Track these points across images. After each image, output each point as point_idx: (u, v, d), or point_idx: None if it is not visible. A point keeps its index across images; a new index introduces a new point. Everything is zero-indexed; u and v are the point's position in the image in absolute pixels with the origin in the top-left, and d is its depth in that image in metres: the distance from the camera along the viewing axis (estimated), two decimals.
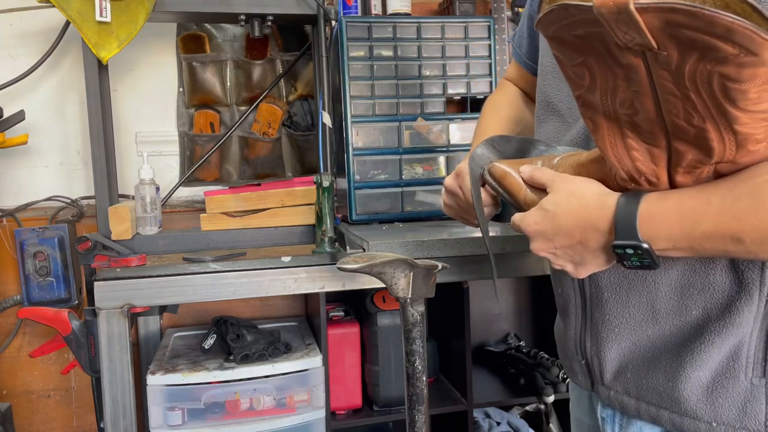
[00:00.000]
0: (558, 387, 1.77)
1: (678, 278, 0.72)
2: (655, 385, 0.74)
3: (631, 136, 0.62)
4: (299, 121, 2.03)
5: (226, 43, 1.99)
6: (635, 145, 0.62)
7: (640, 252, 0.64)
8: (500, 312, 2.19)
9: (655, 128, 0.59)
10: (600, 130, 0.64)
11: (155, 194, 1.66)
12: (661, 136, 0.60)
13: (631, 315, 0.76)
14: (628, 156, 0.63)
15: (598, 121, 0.63)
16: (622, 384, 0.78)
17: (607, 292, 0.78)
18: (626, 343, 0.77)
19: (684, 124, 0.56)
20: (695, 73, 0.51)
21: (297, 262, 1.42)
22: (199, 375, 1.49)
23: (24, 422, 1.89)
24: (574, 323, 0.85)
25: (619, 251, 0.65)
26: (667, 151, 0.61)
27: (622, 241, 0.65)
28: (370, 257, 0.89)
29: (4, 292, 1.86)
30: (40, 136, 1.87)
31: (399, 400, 1.69)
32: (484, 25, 1.69)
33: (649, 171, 0.63)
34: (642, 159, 0.62)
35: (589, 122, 0.64)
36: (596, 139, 0.65)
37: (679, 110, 0.55)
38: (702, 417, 0.70)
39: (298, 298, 2.04)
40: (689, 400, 0.71)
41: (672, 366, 0.73)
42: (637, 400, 0.76)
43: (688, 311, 0.71)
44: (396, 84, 1.65)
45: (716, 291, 0.69)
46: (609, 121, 0.62)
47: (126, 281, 1.35)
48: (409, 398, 0.93)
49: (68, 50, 1.85)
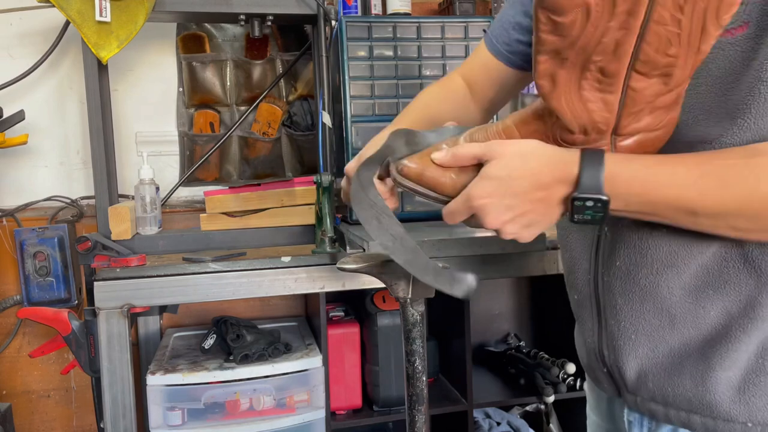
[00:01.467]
0: (558, 387, 1.77)
1: (691, 281, 0.71)
2: (683, 391, 0.73)
3: (587, 88, 0.63)
4: (299, 121, 2.03)
5: (226, 43, 1.99)
6: (590, 97, 0.64)
7: (600, 205, 0.65)
8: (500, 312, 2.19)
9: (620, 70, 0.61)
10: (558, 88, 0.64)
11: (155, 194, 1.66)
12: (621, 78, 0.62)
13: (647, 322, 0.74)
14: (585, 108, 0.64)
15: (558, 78, 0.63)
16: (647, 392, 0.77)
17: (621, 299, 0.76)
18: (644, 351, 0.75)
19: (658, 56, 0.60)
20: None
21: (297, 262, 1.42)
22: (199, 375, 1.49)
23: (24, 422, 1.89)
24: (591, 331, 0.83)
25: (578, 203, 0.66)
26: (621, 96, 0.63)
27: (585, 194, 0.65)
28: (370, 257, 0.89)
29: (3, 292, 1.86)
30: (40, 136, 1.87)
31: (399, 400, 1.69)
32: (484, 25, 1.69)
33: (602, 120, 0.65)
34: (597, 109, 0.64)
35: (547, 82, 0.64)
36: (551, 98, 0.65)
37: (661, 41, 0.58)
38: (736, 418, 0.69)
39: (298, 298, 2.04)
40: (722, 402, 0.70)
41: (698, 370, 0.71)
42: (665, 407, 0.75)
43: (706, 313, 0.70)
44: (396, 84, 1.65)
45: (733, 288, 0.68)
46: (570, 74, 0.63)
47: (126, 281, 1.35)
48: (409, 398, 0.93)
49: (68, 50, 1.85)
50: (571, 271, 0.87)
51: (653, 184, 0.64)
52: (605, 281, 0.78)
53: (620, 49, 0.60)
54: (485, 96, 1.04)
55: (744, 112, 0.63)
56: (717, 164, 0.63)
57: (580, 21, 0.58)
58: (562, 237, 0.89)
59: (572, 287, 0.87)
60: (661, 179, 0.64)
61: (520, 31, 0.97)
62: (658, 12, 0.57)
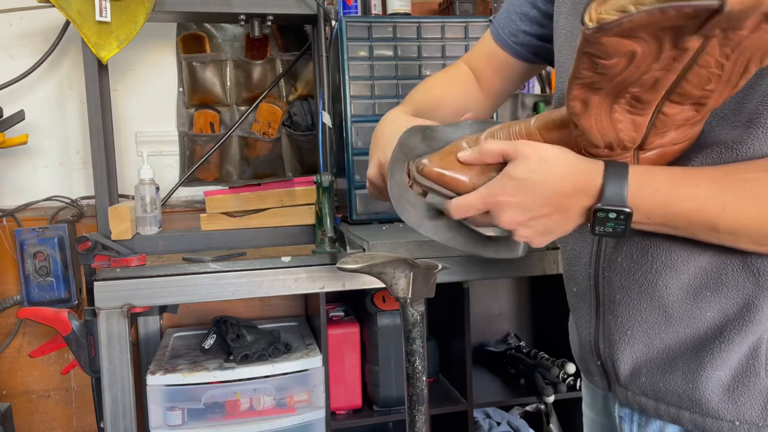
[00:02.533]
0: (558, 387, 1.77)
1: (689, 281, 0.71)
2: (674, 387, 0.74)
3: (618, 111, 0.63)
4: (299, 121, 2.03)
5: (226, 43, 1.99)
6: (621, 119, 0.64)
7: (622, 217, 0.65)
8: (500, 312, 2.19)
9: (655, 100, 0.61)
10: (589, 110, 0.64)
11: (155, 194, 1.66)
12: (654, 105, 0.61)
13: (643, 319, 0.75)
14: (613, 128, 0.64)
15: (591, 102, 0.63)
16: (638, 386, 0.77)
17: (619, 294, 0.77)
18: (639, 346, 0.76)
19: (695, 90, 0.59)
20: (748, 43, 0.53)
21: (297, 262, 1.42)
22: (199, 375, 1.49)
23: (24, 422, 1.89)
24: (588, 324, 0.84)
25: (600, 215, 0.66)
26: (651, 118, 0.63)
27: (609, 206, 0.65)
28: (370, 257, 0.89)
29: (4, 292, 1.86)
30: (40, 136, 1.87)
31: (399, 400, 1.69)
32: (484, 25, 1.69)
33: (629, 138, 0.65)
34: (625, 129, 0.64)
35: (579, 104, 0.64)
36: (581, 119, 0.65)
37: (702, 80, 0.58)
38: (724, 416, 0.70)
39: (298, 298, 2.04)
40: (711, 400, 0.70)
41: (690, 367, 0.72)
42: (656, 401, 0.76)
43: (703, 313, 0.71)
44: (396, 84, 1.65)
45: (731, 290, 0.69)
46: (603, 100, 0.62)
47: (126, 281, 1.35)
48: (409, 398, 0.93)
49: (68, 50, 1.85)
50: (571, 264, 0.87)
51: (676, 197, 0.64)
52: (606, 276, 0.78)
53: (659, 84, 0.59)
54: (491, 85, 1.03)
55: (759, 119, 0.64)
56: (738, 178, 0.63)
57: (623, 64, 0.57)
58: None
59: (571, 279, 0.87)
60: (684, 192, 0.64)
61: (526, 22, 0.96)
62: (704, 58, 0.56)
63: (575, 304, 0.87)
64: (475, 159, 0.71)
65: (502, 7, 1.02)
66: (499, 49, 1.00)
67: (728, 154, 0.66)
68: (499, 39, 0.99)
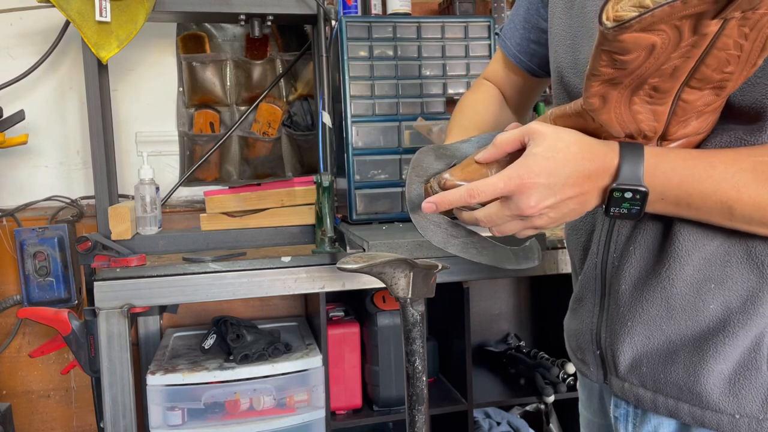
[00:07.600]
0: (558, 387, 1.77)
1: (693, 274, 0.71)
2: (675, 379, 0.73)
3: (638, 102, 0.63)
4: (299, 121, 2.04)
5: (226, 43, 1.99)
6: (640, 110, 0.64)
7: (638, 197, 0.65)
8: (500, 312, 2.19)
9: (674, 87, 0.61)
10: (608, 105, 0.64)
11: (155, 194, 1.66)
12: (674, 93, 0.61)
13: (645, 310, 0.75)
14: (633, 119, 0.64)
15: (610, 97, 0.63)
16: (638, 377, 0.77)
17: (624, 284, 0.77)
18: (640, 338, 0.76)
19: (714, 74, 0.59)
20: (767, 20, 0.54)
21: (297, 262, 1.42)
22: (199, 375, 1.49)
23: (24, 422, 1.89)
24: (591, 312, 0.83)
25: (616, 194, 0.65)
26: (671, 106, 0.63)
27: (625, 185, 0.65)
28: (370, 257, 0.89)
29: (4, 292, 1.86)
30: (40, 136, 1.87)
31: (399, 400, 1.69)
32: (484, 25, 1.69)
33: (650, 128, 0.65)
34: (646, 119, 0.64)
35: (598, 100, 0.64)
36: (600, 114, 0.65)
37: (720, 62, 0.58)
38: (725, 410, 0.70)
39: (298, 298, 2.04)
40: (712, 393, 0.70)
41: (692, 360, 0.72)
42: (654, 393, 0.76)
43: (706, 306, 0.71)
44: (396, 84, 1.65)
45: (735, 283, 0.69)
46: (621, 93, 0.62)
47: (126, 281, 1.35)
48: (409, 398, 0.93)
49: (68, 50, 1.85)
50: (577, 251, 0.88)
51: (691, 177, 0.64)
52: (615, 266, 0.78)
53: (678, 72, 0.59)
54: (511, 99, 1.05)
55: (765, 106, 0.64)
56: (753, 161, 0.63)
57: (642, 57, 0.57)
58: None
59: (579, 265, 0.87)
60: (699, 173, 0.64)
61: (530, 30, 0.97)
62: (722, 41, 0.56)
63: (580, 292, 0.87)
64: (493, 154, 0.71)
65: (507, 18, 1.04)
66: (510, 62, 1.02)
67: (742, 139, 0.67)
68: (507, 51, 1.02)
